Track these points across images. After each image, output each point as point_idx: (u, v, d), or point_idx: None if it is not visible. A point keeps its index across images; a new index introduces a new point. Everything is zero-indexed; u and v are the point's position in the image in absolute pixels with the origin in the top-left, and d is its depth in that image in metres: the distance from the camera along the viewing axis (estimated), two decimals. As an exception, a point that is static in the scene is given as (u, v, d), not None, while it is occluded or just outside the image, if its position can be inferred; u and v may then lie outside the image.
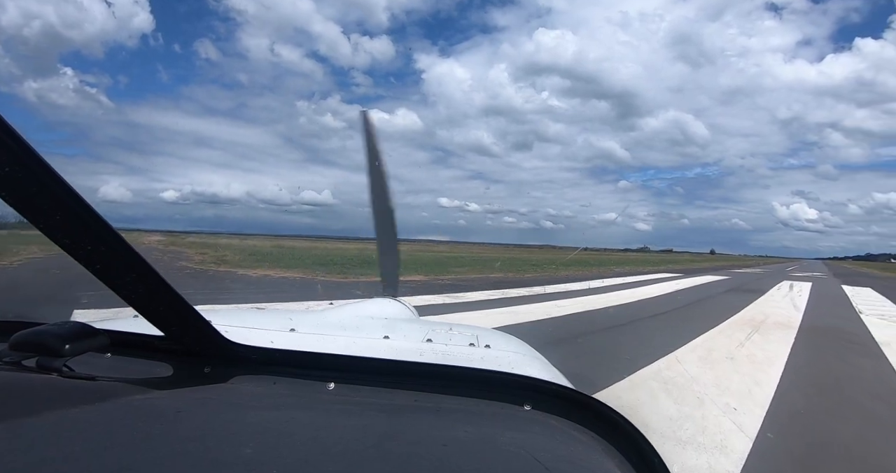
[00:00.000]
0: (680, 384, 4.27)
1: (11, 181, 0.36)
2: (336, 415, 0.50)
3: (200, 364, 0.61)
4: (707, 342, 6.20)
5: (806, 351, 5.99)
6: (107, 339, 0.55)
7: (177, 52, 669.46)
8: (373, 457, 0.40)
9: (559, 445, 0.49)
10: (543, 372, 0.75)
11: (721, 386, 4.26)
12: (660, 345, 5.79)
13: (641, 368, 4.66)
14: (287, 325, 0.93)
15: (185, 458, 0.36)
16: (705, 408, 3.64)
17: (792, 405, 3.86)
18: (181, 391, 0.53)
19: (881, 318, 9.48)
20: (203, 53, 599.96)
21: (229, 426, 0.45)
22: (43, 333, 0.51)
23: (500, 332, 1.16)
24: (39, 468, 0.33)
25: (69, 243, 0.41)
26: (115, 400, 0.47)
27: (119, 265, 0.44)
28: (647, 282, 16.65)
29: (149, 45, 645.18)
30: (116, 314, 0.92)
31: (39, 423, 0.39)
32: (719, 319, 8.19)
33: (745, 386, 4.28)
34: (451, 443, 0.45)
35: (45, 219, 0.39)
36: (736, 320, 8.30)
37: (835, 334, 7.50)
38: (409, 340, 0.91)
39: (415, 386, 0.59)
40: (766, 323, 8.02)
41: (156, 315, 0.51)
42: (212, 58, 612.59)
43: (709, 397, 3.91)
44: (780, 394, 4.08)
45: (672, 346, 5.73)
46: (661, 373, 4.59)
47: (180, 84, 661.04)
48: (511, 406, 0.56)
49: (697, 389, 4.14)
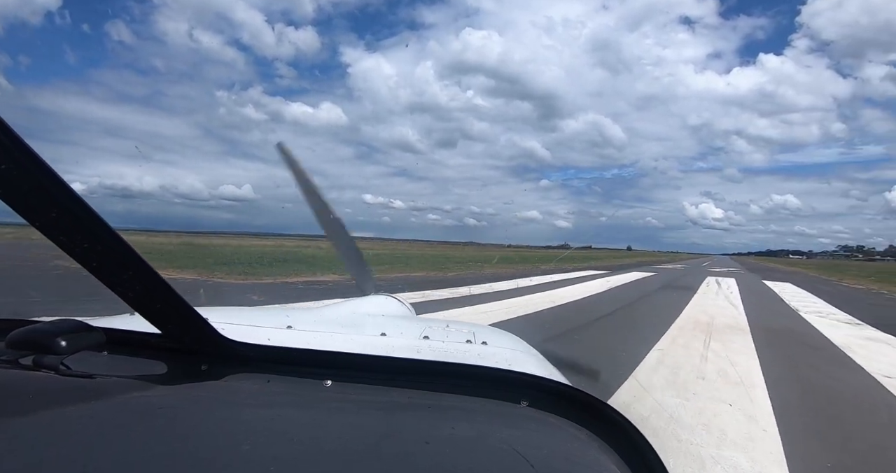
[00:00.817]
0: (660, 429, 3.05)
1: (7, 178, 0.36)
2: (333, 413, 0.50)
3: (197, 361, 0.60)
4: (667, 357, 5.12)
5: (776, 363, 5.11)
6: (104, 337, 0.55)
7: (86, 33, 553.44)
8: (370, 455, 0.40)
9: (556, 442, 0.49)
10: (540, 369, 0.74)
11: (712, 428, 3.09)
12: (616, 362, 4.68)
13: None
14: (284, 323, 0.92)
15: (183, 456, 0.36)
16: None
17: (811, 453, 2.77)
18: (178, 388, 0.54)
19: (821, 317, 9.21)
20: (115, 35, 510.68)
21: (226, 423, 0.45)
22: (39, 331, 0.51)
23: (497, 329, 1.10)
24: (37, 466, 0.33)
25: (66, 241, 0.41)
26: (113, 398, 0.47)
27: (116, 262, 0.44)
28: (577, 280, 15.44)
29: (54, 23, 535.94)
30: (113, 312, 0.87)
31: (37, 421, 0.40)
32: (666, 322, 7.39)
33: (740, 427, 3.15)
34: (447, 441, 0.45)
35: (41, 216, 0.39)
36: (683, 323, 7.49)
37: (790, 337, 6.91)
38: (405, 337, 0.90)
39: (412, 384, 0.58)
40: (716, 326, 7.30)
41: (153, 312, 0.51)
42: (125, 40, 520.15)
43: (707, 453, 2.70)
44: (788, 437, 2.98)
45: (629, 364, 4.62)
46: (631, 408, 3.36)
47: (89, 67, 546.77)
48: (508, 403, 0.56)
49: (686, 437, 2.93)
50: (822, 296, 13.60)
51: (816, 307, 10.99)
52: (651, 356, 5.09)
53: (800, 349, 6.10)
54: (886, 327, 7.81)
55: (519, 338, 1.01)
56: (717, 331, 6.83)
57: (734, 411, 3.46)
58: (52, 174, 0.37)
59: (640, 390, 3.87)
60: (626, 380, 4.09)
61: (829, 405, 3.86)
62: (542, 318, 7.48)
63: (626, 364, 4.62)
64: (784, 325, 8.06)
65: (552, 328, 6.66)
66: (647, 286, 15.42)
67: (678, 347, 5.66)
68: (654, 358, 4.99)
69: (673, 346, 5.71)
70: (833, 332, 7.29)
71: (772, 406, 3.61)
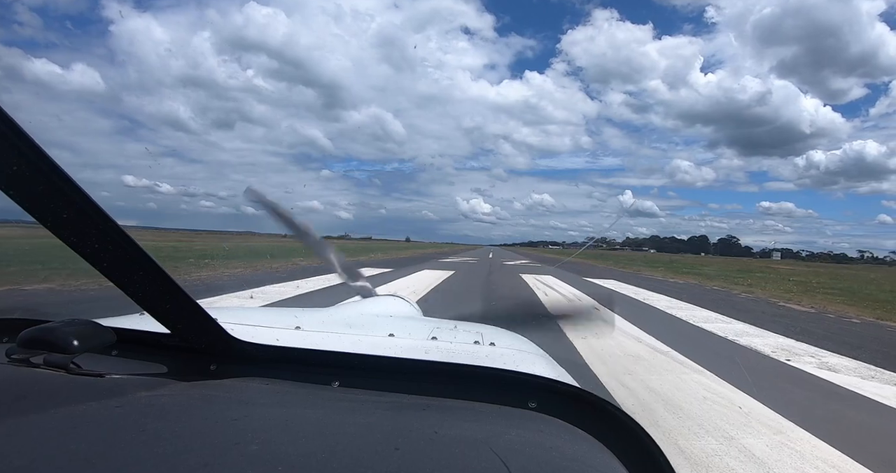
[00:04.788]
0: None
1: (19, 180, 0.36)
2: (342, 413, 0.50)
3: (206, 361, 0.60)
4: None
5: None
6: (113, 336, 0.55)
7: None
8: (378, 456, 0.39)
9: (564, 444, 0.48)
10: (549, 371, 0.73)
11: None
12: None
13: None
14: (293, 323, 0.92)
15: (192, 455, 0.37)
16: None
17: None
18: (187, 388, 0.54)
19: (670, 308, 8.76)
20: None
21: (235, 423, 0.44)
22: (50, 330, 0.51)
23: (504, 330, 1.08)
24: (48, 465, 0.33)
25: (76, 241, 0.41)
26: (122, 397, 0.47)
27: (126, 263, 0.44)
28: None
29: None
30: (123, 312, 0.86)
31: (48, 420, 0.40)
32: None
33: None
34: (455, 442, 0.44)
35: (52, 217, 0.39)
36: (602, 367, 4.21)
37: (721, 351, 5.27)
38: (414, 338, 0.89)
39: (420, 385, 0.58)
40: (642, 359, 4.58)
41: (162, 312, 0.51)
42: None
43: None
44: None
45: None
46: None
47: None
48: (516, 405, 0.55)
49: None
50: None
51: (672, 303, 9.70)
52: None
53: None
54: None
55: (527, 340, 1.01)
56: (649, 366, 5.48)
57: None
58: (63, 175, 0.38)
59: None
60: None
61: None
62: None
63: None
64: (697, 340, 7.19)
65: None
66: (471, 296, 9.31)
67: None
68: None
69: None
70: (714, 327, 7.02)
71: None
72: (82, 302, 6.24)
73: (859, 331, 7.28)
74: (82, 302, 6.24)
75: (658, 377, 3.96)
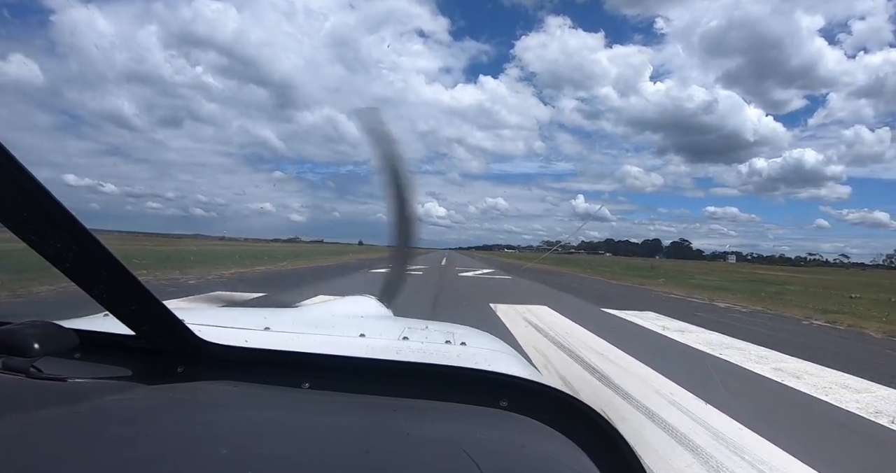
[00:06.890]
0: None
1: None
2: (312, 414, 0.50)
3: (173, 363, 0.59)
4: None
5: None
6: (76, 338, 0.53)
7: None
8: (349, 457, 0.39)
9: (535, 442, 0.48)
10: (520, 370, 0.72)
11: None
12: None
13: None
14: (261, 324, 0.89)
15: (159, 460, 0.36)
16: None
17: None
18: (154, 391, 0.53)
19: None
20: None
21: (203, 427, 0.44)
22: (9, 332, 0.49)
23: (476, 330, 1.07)
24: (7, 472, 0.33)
25: (37, 240, 0.40)
26: (86, 402, 0.46)
27: (89, 263, 0.43)
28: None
29: None
30: (86, 313, 0.85)
31: (6, 427, 0.39)
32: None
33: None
34: (427, 442, 0.44)
35: (11, 215, 0.38)
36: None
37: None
38: (385, 338, 0.88)
39: (391, 385, 0.57)
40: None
41: (127, 313, 0.50)
42: None
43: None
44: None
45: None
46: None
47: None
48: (488, 404, 0.55)
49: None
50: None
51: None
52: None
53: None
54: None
55: (498, 339, 1.02)
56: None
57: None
58: (24, 172, 0.36)
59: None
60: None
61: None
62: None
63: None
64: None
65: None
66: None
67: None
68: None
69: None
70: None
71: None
72: (43, 305, 5.84)
73: None
74: (43, 305, 5.84)
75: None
